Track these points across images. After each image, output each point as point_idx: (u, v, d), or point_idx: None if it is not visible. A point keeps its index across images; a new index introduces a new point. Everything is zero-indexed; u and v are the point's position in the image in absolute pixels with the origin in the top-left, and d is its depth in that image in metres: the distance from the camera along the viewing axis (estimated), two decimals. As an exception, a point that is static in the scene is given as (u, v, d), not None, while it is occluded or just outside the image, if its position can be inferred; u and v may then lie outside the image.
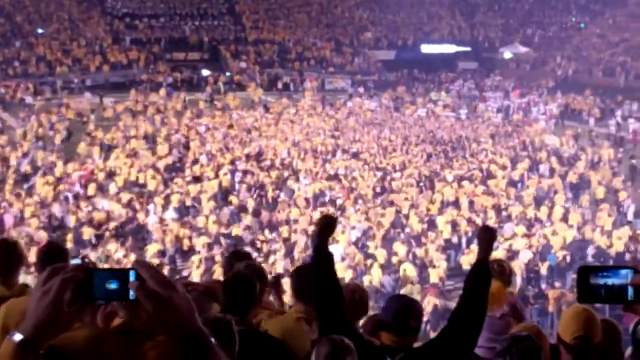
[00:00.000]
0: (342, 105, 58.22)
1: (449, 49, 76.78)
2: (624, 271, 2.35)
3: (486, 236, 6.25)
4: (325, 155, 42.25)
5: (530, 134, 49.97)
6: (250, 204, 33.70)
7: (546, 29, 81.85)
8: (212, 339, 2.50)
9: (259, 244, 29.72)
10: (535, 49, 77.38)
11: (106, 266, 23.38)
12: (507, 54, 77.42)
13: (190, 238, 29.72)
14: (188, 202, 34.01)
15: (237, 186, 36.40)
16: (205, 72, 64.20)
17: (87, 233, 29.69)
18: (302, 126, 49.45)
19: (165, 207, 33.18)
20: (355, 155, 42.27)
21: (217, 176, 36.99)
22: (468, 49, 77.72)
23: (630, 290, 2.35)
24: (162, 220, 31.52)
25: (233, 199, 34.60)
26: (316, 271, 6.27)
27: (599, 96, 60.01)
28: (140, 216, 31.95)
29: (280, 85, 63.88)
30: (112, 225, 30.53)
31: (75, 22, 67.97)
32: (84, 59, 62.37)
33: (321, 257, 6.24)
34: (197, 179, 36.67)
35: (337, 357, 5.33)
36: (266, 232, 30.89)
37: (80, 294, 2.38)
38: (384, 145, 45.01)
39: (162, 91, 57.18)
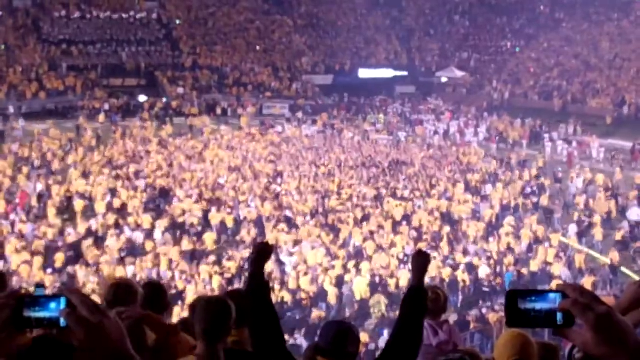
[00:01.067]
0: (280, 130, 58.97)
1: (386, 73, 78.16)
2: (552, 295, 2.34)
3: (419, 261, 6.19)
4: (267, 179, 43.10)
5: (465, 156, 51.26)
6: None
7: (482, 53, 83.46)
8: None
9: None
10: (472, 73, 78.94)
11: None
12: (444, 78, 78.91)
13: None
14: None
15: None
16: (142, 98, 64.53)
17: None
18: (241, 151, 50.11)
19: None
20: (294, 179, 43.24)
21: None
22: (405, 73, 79.16)
23: (559, 315, 2.33)
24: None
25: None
26: (253, 298, 6.22)
27: (534, 120, 61.53)
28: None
29: (218, 111, 64.46)
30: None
31: (11, 48, 67.90)
32: (20, 85, 62.47)
33: (258, 284, 6.23)
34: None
35: None
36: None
37: (12, 321, 2.41)
38: (323, 169, 45.95)
39: (102, 117, 57.68)
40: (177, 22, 78.60)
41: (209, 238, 33.56)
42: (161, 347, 6.09)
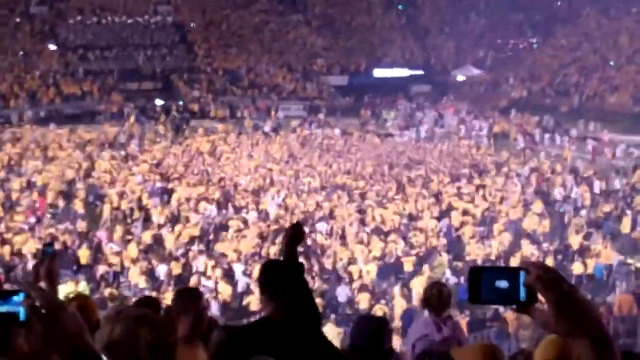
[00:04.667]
0: (298, 131, 61.21)
1: (402, 72, 79.30)
2: (515, 272, 2.37)
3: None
4: (287, 181, 45.38)
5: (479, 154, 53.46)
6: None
7: (498, 50, 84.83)
8: (103, 357, 2.64)
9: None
10: (488, 71, 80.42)
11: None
12: (460, 77, 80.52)
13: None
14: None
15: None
16: (159, 102, 66.41)
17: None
18: (260, 153, 52.54)
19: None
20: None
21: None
22: (421, 72, 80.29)
23: (522, 292, 2.36)
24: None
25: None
26: (292, 279, 6.19)
27: (553, 116, 63.38)
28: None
29: (234, 113, 66.35)
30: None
31: (28, 54, 70.13)
32: (37, 91, 64.52)
33: (295, 265, 6.28)
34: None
35: None
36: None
37: None
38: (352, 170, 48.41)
39: (132, 119, 60.33)
40: (192, 25, 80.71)
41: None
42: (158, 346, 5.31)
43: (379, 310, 27.54)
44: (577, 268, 32.38)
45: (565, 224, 38.83)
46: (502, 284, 2.40)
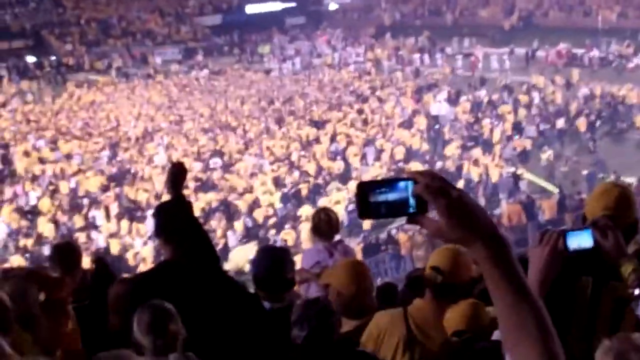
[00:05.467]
0: (176, 76, 61.25)
1: (274, 6, 78.64)
2: (402, 183, 2.30)
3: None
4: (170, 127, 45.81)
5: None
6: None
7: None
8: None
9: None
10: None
11: None
12: (333, 5, 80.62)
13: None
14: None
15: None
16: (31, 59, 65.35)
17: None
18: (140, 101, 52.92)
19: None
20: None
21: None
22: (293, 4, 79.83)
23: (411, 202, 2.30)
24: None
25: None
26: (182, 220, 6.27)
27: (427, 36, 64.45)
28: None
29: (110, 63, 65.68)
30: None
31: None
32: None
33: (183, 205, 6.37)
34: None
35: (158, 324, 5.14)
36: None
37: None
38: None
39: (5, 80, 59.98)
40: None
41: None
42: (50, 302, 5.80)
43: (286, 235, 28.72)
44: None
45: (445, 140, 40.10)
46: (390, 196, 2.33)
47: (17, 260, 27.14)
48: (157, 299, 5.31)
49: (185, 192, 6.82)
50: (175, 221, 6.22)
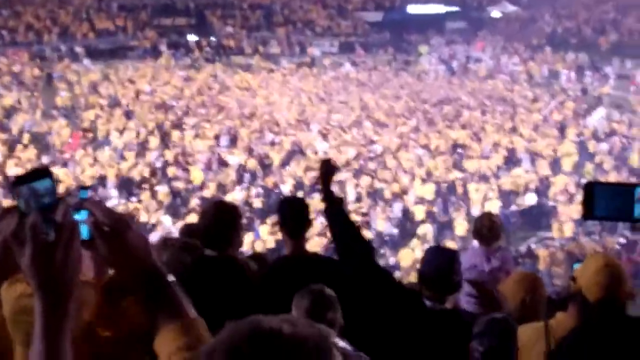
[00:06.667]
0: (331, 68, 61.75)
1: (437, 9, 78.17)
2: (631, 189, 2.31)
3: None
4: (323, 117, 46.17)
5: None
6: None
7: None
8: (171, 276, 2.55)
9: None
10: (524, 8, 79.80)
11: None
12: (496, 13, 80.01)
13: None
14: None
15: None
16: (192, 38, 66.55)
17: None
18: (294, 90, 53.27)
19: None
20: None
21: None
22: (456, 8, 79.31)
23: (637, 208, 2.27)
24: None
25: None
26: (334, 215, 6.42)
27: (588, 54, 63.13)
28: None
29: (268, 50, 66.50)
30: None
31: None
32: (71, 26, 64.84)
33: (334, 201, 6.47)
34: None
35: (318, 310, 5.17)
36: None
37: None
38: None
39: (166, 56, 61.22)
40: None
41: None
42: None
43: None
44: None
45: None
46: (617, 199, 2.31)
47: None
48: (318, 284, 5.40)
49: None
50: (298, 217, 6.47)
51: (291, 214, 6.57)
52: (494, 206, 32.21)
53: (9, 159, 36.55)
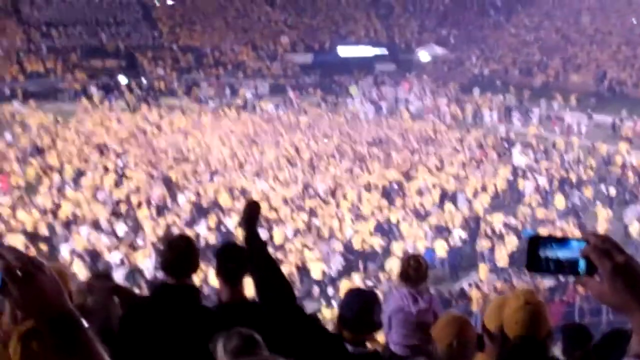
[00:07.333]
0: (261, 110, 62.36)
1: (366, 51, 79.50)
2: (575, 243, 2.32)
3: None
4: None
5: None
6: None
7: (461, 29, 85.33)
8: (83, 321, 2.47)
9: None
10: (452, 50, 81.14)
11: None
12: (424, 55, 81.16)
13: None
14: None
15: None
16: (123, 79, 66.76)
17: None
18: (226, 131, 53.50)
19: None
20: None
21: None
22: (384, 51, 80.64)
23: (581, 263, 2.30)
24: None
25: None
26: (256, 258, 6.32)
27: (515, 95, 64.28)
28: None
29: (198, 92, 66.87)
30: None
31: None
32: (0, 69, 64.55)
33: (255, 242, 6.41)
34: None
35: (245, 351, 4.99)
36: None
37: None
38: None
39: (96, 97, 61.31)
40: (156, 2, 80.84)
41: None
42: None
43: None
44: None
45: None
46: (561, 253, 2.37)
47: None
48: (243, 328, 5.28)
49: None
50: (237, 263, 6.39)
51: (227, 261, 6.50)
52: (424, 244, 32.80)
53: None
